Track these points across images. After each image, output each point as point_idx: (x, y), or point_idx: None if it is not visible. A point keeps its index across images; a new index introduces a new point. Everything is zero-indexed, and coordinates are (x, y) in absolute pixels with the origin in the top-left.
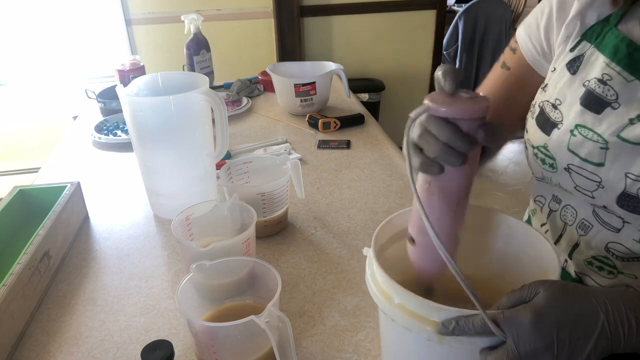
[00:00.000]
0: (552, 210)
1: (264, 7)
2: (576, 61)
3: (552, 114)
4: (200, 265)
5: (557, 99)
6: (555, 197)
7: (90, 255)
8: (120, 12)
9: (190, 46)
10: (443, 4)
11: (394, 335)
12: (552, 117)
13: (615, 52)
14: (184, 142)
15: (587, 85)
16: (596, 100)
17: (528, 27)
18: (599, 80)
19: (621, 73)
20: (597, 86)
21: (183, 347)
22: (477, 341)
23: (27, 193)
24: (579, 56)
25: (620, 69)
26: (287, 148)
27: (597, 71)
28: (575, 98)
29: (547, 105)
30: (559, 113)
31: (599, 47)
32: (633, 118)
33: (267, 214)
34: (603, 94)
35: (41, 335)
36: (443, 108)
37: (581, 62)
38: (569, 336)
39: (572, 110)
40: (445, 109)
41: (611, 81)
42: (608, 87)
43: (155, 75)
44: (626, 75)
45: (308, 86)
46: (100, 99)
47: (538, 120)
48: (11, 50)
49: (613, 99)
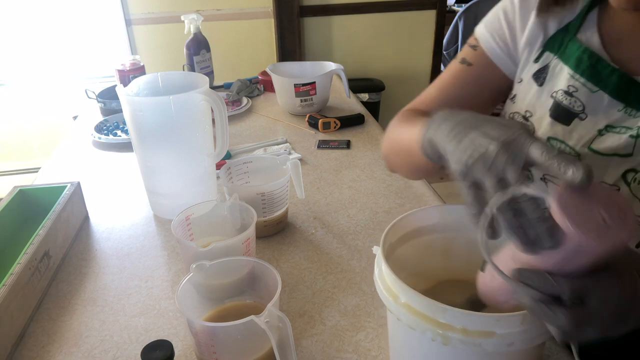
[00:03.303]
0: None
1: (264, 7)
2: (542, 72)
3: None
4: (200, 265)
5: (528, 111)
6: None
7: (90, 255)
8: (120, 12)
9: (190, 46)
10: (443, 4)
11: (400, 334)
12: None
13: (578, 64)
14: (184, 142)
15: (554, 96)
16: (564, 112)
17: (490, 25)
18: (565, 92)
19: (585, 84)
20: (564, 98)
21: (183, 347)
22: (482, 342)
23: (27, 193)
24: (544, 67)
25: (585, 80)
26: (287, 148)
27: (563, 83)
28: (544, 110)
29: (517, 118)
30: (531, 125)
31: (562, 58)
32: (601, 129)
33: (267, 214)
34: (570, 105)
35: (41, 335)
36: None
37: (547, 73)
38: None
39: (543, 122)
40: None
41: (577, 92)
42: (575, 99)
43: (155, 75)
44: (590, 86)
45: (308, 86)
46: (100, 99)
47: None
48: (11, 50)
49: (580, 110)
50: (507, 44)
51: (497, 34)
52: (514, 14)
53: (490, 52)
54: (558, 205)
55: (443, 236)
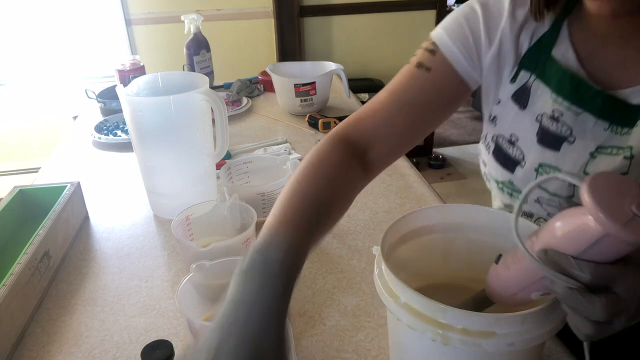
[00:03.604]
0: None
1: (264, 7)
2: (522, 94)
3: (511, 151)
4: (200, 265)
5: (513, 134)
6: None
7: (90, 255)
8: (120, 12)
9: (190, 46)
10: (443, 4)
11: (400, 334)
12: (512, 154)
13: (560, 87)
14: (184, 142)
15: (539, 120)
16: (552, 138)
17: (451, 31)
18: (551, 117)
19: (570, 108)
20: (551, 124)
21: (183, 347)
22: (482, 342)
23: (27, 193)
24: (523, 88)
25: (569, 103)
26: (287, 148)
27: (546, 106)
28: (531, 135)
29: (503, 141)
30: (519, 150)
31: (542, 79)
32: (593, 152)
33: (267, 214)
34: (557, 130)
35: (41, 335)
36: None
37: (528, 95)
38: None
39: (532, 149)
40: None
41: (562, 117)
42: (561, 123)
43: (155, 75)
44: (575, 109)
45: (308, 86)
46: (100, 99)
47: (497, 155)
48: (11, 50)
49: (568, 134)
50: (471, 53)
51: (460, 41)
52: (478, 24)
53: (453, 59)
54: (589, 193)
55: (443, 236)
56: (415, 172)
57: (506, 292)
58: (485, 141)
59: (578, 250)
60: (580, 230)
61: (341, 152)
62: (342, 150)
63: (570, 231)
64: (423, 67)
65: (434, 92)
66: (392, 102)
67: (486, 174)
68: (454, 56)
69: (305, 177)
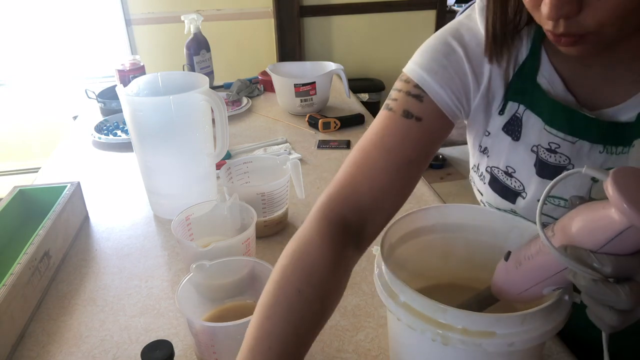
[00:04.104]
0: None
1: (264, 7)
2: (514, 125)
3: (509, 182)
4: (200, 265)
5: (509, 167)
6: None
7: (90, 255)
8: (120, 12)
9: (190, 46)
10: (443, 4)
11: (400, 334)
12: (512, 185)
13: (553, 120)
14: (184, 142)
15: (535, 151)
16: (552, 169)
17: (436, 75)
18: (549, 150)
19: (566, 138)
20: (549, 156)
21: (183, 347)
22: (482, 342)
23: (27, 193)
24: (513, 119)
25: (564, 134)
26: (287, 148)
27: (541, 138)
28: (529, 166)
29: (498, 173)
30: (518, 182)
31: (533, 110)
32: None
33: (267, 214)
34: (556, 162)
35: (41, 335)
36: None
37: (520, 126)
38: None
39: (532, 181)
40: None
41: (560, 148)
42: (559, 154)
43: (155, 75)
44: (571, 139)
45: (308, 86)
46: (100, 99)
47: (494, 187)
48: (11, 50)
49: (566, 163)
50: (459, 96)
51: (447, 85)
52: (462, 64)
53: (442, 105)
54: (614, 185)
55: (443, 236)
56: None
57: (515, 289)
58: (478, 171)
59: (598, 244)
60: (602, 224)
61: (333, 243)
62: (333, 239)
63: (590, 225)
64: (413, 117)
65: (429, 143)
66: (389, 164)
67: (484, 202)
68: (442, 101)
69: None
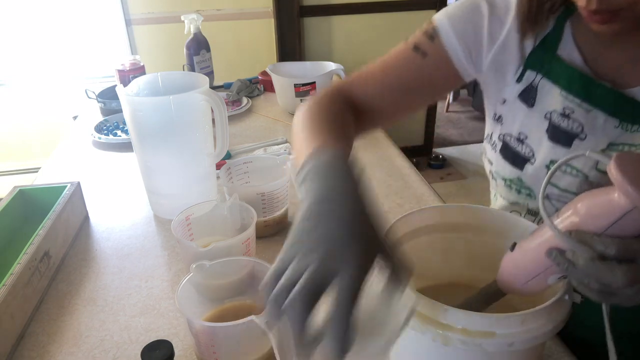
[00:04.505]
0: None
1: (264, 7)
2: (529, 93)
3: (520, 148)
4: (200, 265)
5: (521, 133)
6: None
7: (90, 255)
8: (120, 12)
9: (190, 46)
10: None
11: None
12: (522, 151)
13: (571, 85)
14: (184, 142)
15: (549, 117)
16: (563, 134)
17: (455, 23)
18: (562, 114)
19: (581, 105)
20: (562, 120)
21: (183, 347)
22: (482, 343)
23: (27, 193)
24: (529, 87)
25: (580, 101)
26: (287, 148)
27: (556, 104)
28: (541, 132)
29: (510, 139)
30: (528, 147)
31: (549, 77)
32: (604, 149)
33: (267, 214)
34: (569, 127)
35: (41, 335)
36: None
37: (535, 93)
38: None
39: (542, 145)
40: None
41: (574, 114)
42: (572, 120)
43: (155, 75)
44: (586, 107)
45: (308, 86)
46: (100, 99)
47: (505, 154)
48: (11, 50)
49: (579, 131)
50: (470, 48)
51: (462, 34)
52: (482, 22)
53: (451, 51)
54: (617, 168)
55: (443, 236)
56: (415, 172)
57: (521, 278)
58: (490, 140)
59: (602, 227)
60: (605, 207)
61: (339, 101)
62: (340, 100)
63: (594, 209)
64: (419, 51)
65: (425, 79)
66: (384, 82)
67: (492, 172)
68: (452, 47)
69: (316, 113)
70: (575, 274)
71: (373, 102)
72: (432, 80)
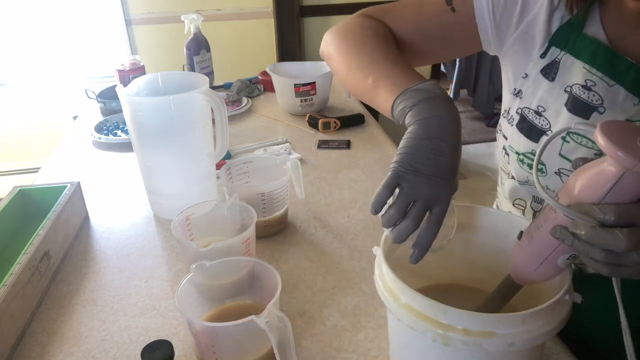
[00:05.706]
0: (536, 212)
1: (264, 7)
2: (551, 68)
3: (537, 121)
4: (200, 265)
5: (540, 106)
6: (537, 197)
7: (90, 255)
8: (120, 12)
9: (190, 46)
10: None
11: (400, 334)
12: (539, 124)
13: (594, 58)
14: (184, 142)
15: (569, 91)
16: (583, 106)
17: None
18: (583, 86)
19: (603, 78)
20: (582, 92)
21: (183, 347)
22: (483, 343)
23: (27, 193)
24: (552, 62)
25: (602, 74)
26: (287, 148)
27: (578, 77)
28: (559, 105)
29: (528, 112)
30: (545, 120)
31: (572, 53)
32: None
33: (267, 214)
34: (589, 99)
35: (41, 335)
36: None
37: (557, 68)
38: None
39: (560, 117)
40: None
41: (595, 87)
42: (593, 93)
43: (155, 75)
44: (607, 80)
45: (308, 86)
46: (100, 99)
47: (521, 127)
48: (11, 50)
49: (599, 104)
50: (497, 20)
51: (493, 4)
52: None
53: (478, 14)
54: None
55: None
56: None
57: (532, 264)
58: (507, 115)
59: (599, 197)
60: (599, 176)
61: (371, 20)
62: (372, 20)
63: (589, 180)
64: (451, 5)
65: (449, 36)
66: (413, 28)
67: (505, 147)
68: (480, 13)
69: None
70: (580, 247)
71: (399, 36)
72: (452, 37)
